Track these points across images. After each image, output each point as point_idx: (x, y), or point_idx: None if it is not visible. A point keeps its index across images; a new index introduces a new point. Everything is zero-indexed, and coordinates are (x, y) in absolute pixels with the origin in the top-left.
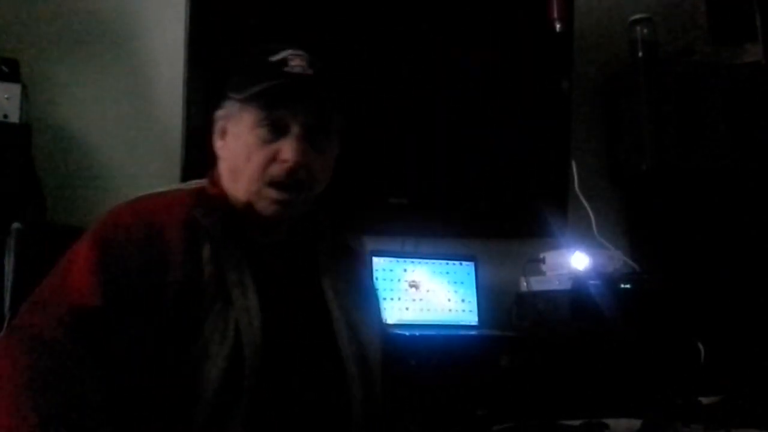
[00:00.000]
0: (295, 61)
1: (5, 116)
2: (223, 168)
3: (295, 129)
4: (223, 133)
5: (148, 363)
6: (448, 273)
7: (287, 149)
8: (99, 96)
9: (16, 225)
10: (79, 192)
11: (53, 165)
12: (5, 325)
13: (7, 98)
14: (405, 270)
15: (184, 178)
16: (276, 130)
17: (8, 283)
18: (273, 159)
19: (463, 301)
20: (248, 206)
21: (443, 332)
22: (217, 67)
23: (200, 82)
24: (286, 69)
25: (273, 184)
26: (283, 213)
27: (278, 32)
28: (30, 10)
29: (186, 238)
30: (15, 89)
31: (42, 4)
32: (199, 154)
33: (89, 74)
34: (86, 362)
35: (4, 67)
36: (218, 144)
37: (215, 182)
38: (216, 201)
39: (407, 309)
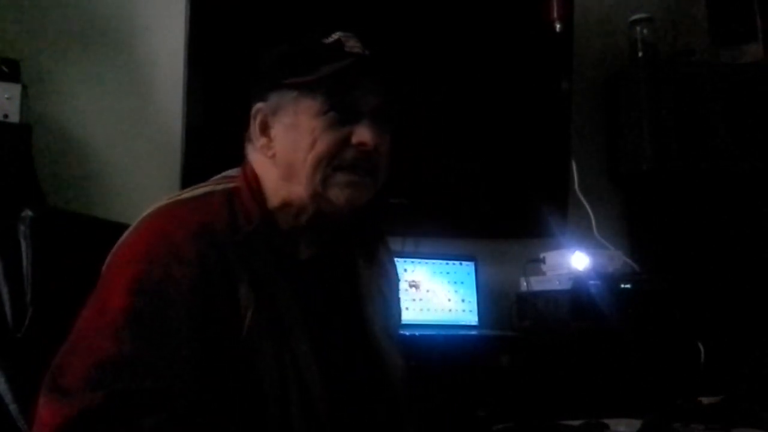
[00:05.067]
0: (350, 42)
1: (5, 116)
2: (268, 167)
3: (367, 111)
4: (266, 128)
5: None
6: (448, 273)
7: (364, 132)
8: (99, 96)
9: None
10: (79, 192)
11: (53, 165)
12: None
13: (7, 98)
14: (405, 270)
15: (184, 177)
16: (347, 114)
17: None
18: (345, 143)
19: (463, 301)
20: (314, 200)
21: (443, 332)
22: (216, 67)
23: (200, 82)
24: (347, 50)
25: (342, 168)
26: (358, 198)
27: (278, 32)
28: (30, 11)
29: (215, 272)
30: (15, 89)
31: (42, 4)
32: (199, 154)
33: (89, 74)
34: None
35: (4, 67)
36: (259, 142)
37: (251, 184)
38: (252, 210)
39: (407, 309)
